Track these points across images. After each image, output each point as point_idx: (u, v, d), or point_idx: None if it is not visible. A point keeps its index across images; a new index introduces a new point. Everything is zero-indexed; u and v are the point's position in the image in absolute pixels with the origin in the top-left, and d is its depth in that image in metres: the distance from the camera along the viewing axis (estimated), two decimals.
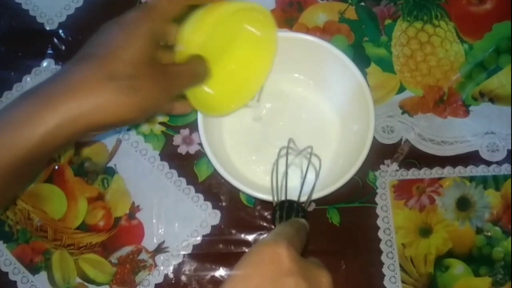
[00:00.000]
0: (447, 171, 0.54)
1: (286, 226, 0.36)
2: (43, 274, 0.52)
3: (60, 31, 0.58)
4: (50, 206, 0.53)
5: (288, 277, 0.28)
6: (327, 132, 0.53)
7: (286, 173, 0.45)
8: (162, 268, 0.52)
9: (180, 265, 0.52)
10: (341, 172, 0.47)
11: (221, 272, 0.51)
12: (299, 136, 0.50)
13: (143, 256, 0.52)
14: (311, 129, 0.53)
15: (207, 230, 0.52)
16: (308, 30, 0.58)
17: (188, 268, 0.52)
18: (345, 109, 0.52)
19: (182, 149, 0.55)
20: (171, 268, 0.52)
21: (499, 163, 0.55)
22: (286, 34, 0.51)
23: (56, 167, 0.54)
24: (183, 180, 0.54)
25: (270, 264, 0.28)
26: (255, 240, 0.52)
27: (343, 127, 0.53)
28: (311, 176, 0.46)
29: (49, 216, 0.53)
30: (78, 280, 0.51)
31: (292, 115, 0.54)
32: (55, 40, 0.58)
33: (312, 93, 0.54)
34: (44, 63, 0.57)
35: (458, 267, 0.52)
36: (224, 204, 0.53)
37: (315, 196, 0.45)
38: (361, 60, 0.56)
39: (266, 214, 0.53)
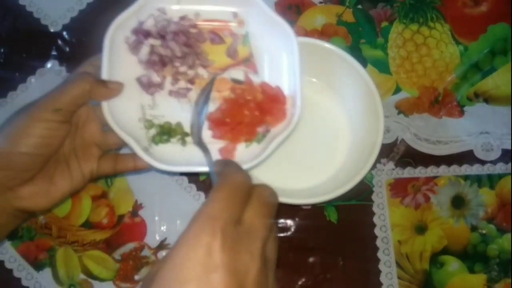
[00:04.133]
0: (442, 170, 0.55)
1: (218, 194, 0.31)
2: (47, 271, 0.53)
3: (64, 33, 0.59)
4: None
5: (215, 274, 0.27)
6: (338, 135, 0.54)
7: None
8: None
9: None
10: (349, 175, 0.48)
11: None
12: (308, 138, 0.51)
13: (145, 252, 0.53)
14: (322, 132, 0.54)
15: None
16: (306, 33, 0.59)
17: None
18: (355, 114, 0.53)
19: None
20: None
21: (493, 162, 0.56)
22: (301, 40, 0.51)
23: None
24: (185, 179, 0.55)
25: (200, 259, 0.27)
26: None
27: (353, 131, 0.53)
28: None
29: (53, 213, 0.54)
30: (82, 276, 0.52)
31: (303, 119, 0.54)
32: (59, 41, 0.59)
33: (324, 97, 0.54)
34: (48, 64, 0.58)
35: (453, 264, 0.53)
36: None
37: (326, 198, 0.46)
38: (358, 61, 0.56)
39: None
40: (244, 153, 0.46)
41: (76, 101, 0.42)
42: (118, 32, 0.46)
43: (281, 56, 0.48)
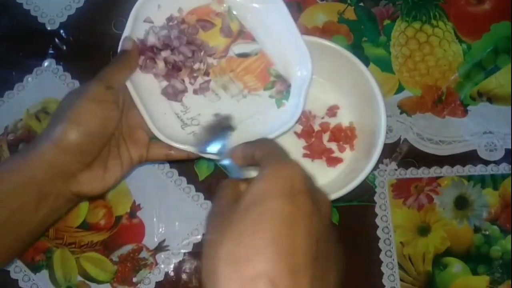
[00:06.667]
0: (445, 170, 0.55)
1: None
2: (44, 273, 0.52)
3: (61, 31, 0.58)
4: None
5: (300, 195, 0.31)
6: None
7: None
8: (162, 266, 0.52)
9: (180, 263, 0.52)
10: (351, 175, 0.47)
11: None
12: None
13: (144, 254, 0.52)
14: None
15: None
16: (307, 31, 0.58)
17: (188, 266, 0.52)
18: (357, 113, 0.52)
19: None
20: (172, 266, 0.52)
21: (497, 162, 0.55)
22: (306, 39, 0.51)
23: None
24: (184, 179, 0.54)
25: (285, 182, 0.31)
26: None
27: (356, 129, 0.53)
28: None
29: None
30: (80, 278, 0.52)
31: None
32: (56, 40, 0.58)
33: (325, 96, 0.53)
34: (46, 63, 0.58)
35: (456, 266, 0.53)
36: None
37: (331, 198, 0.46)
38: (360, 60, 0.56)
39: None
40: None
41: (124, 80, 0.44)
42: None
43: (272, 19, 0.49)
